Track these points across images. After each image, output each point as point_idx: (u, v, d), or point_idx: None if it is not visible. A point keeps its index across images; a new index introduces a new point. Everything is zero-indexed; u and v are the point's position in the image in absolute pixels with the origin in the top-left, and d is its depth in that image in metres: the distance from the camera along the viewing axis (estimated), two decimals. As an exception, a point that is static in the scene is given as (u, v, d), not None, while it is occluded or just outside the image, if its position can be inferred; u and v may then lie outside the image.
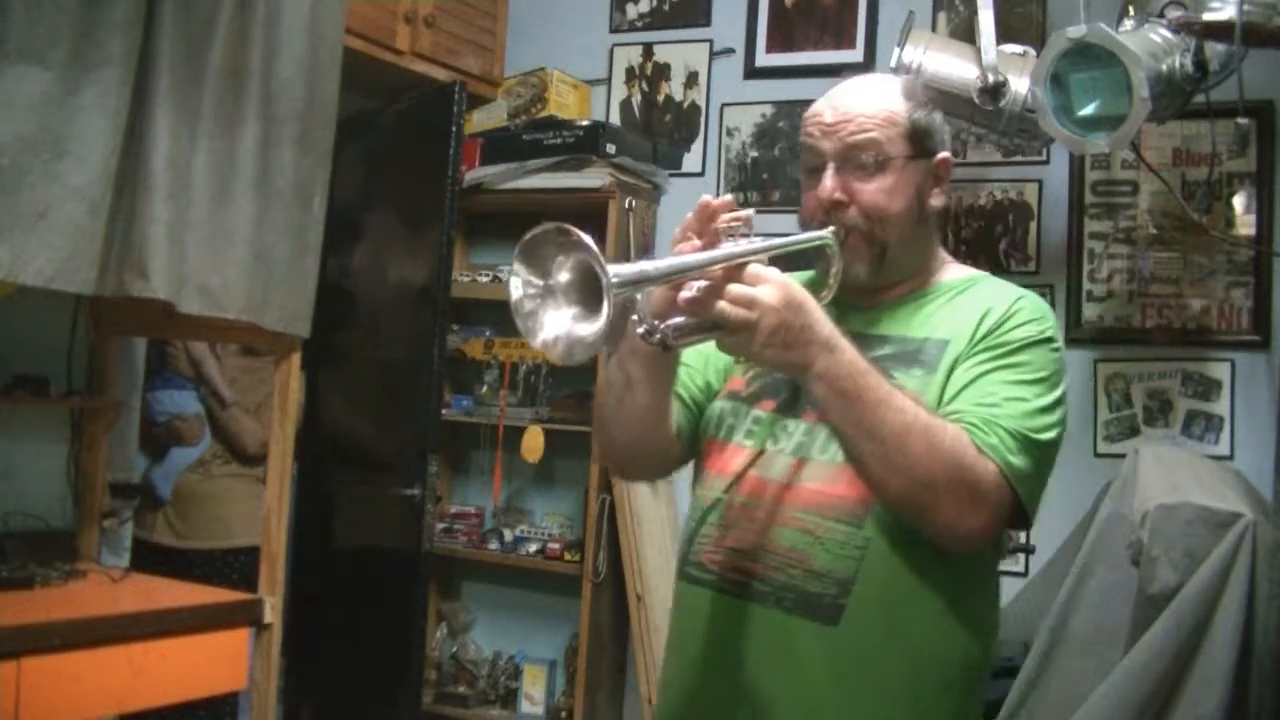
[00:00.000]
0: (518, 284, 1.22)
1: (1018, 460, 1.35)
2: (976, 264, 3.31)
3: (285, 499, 2.64)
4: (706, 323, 1.28)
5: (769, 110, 3.65)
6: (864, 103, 1.49)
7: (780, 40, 3.67)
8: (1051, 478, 1.46)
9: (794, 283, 1.29)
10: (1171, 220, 3.17)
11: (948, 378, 1.43)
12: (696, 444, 1.59)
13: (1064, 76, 2.47)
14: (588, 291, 1.18)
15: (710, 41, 3.77)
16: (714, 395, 1.59)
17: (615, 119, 3.86)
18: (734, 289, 1.25)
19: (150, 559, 3.17)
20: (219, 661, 2.44)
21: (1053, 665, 2.50)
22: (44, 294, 2.17)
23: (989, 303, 1.47)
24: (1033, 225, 3.33)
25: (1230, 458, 3.06)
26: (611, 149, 3.52)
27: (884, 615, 1.39)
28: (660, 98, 3.85)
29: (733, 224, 1.34)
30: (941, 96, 2.85)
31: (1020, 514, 1.39)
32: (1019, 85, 2.75)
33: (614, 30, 3.93)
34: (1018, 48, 2.87)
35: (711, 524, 1.49)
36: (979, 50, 2.80)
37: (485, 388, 3.85)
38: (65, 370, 2.78)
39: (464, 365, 3.90)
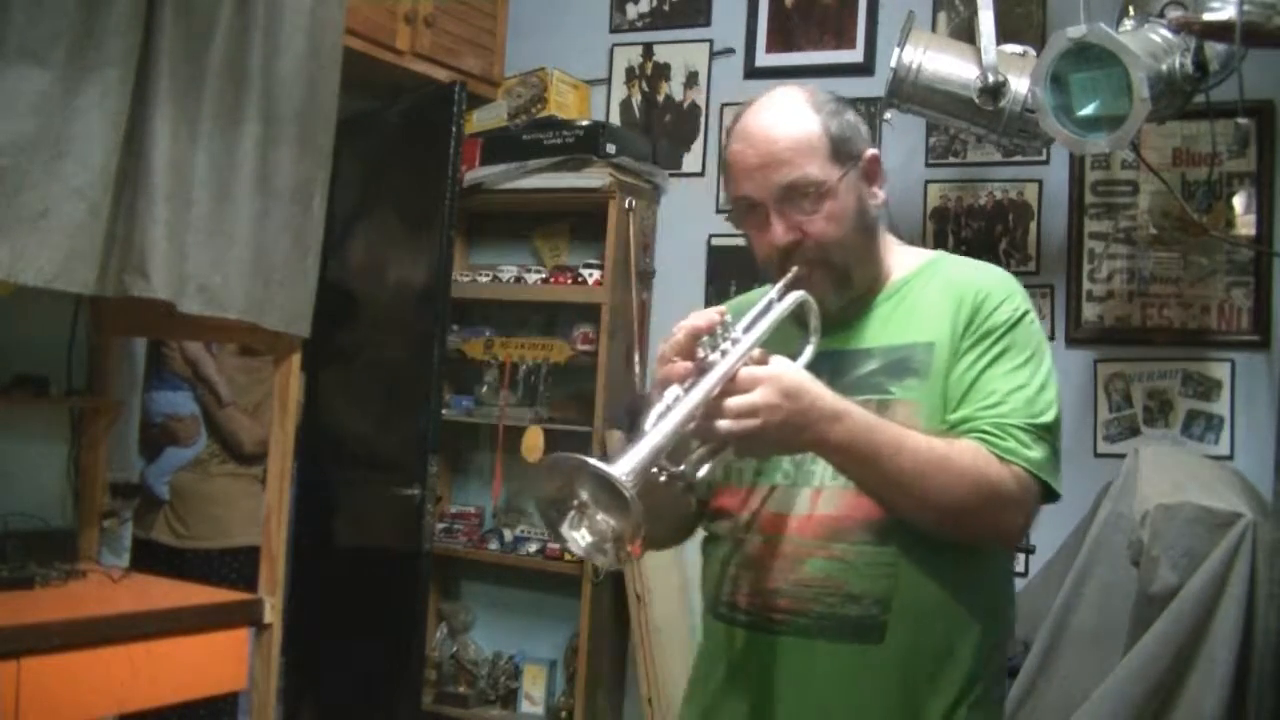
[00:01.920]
0: (569, 530, 1.25)
1: (1035, 453, 1.40)
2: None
3: (285, 499, 2.64)
4: (719, 445, 1.32)
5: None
6: (782, 134, 1.49)
7: (780, 40, 3.67)
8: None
9: (785, 369, 1.32)
10: (1171, 220, 3.17)
11: (944, 380, 1.45)
12: (708, 495, 1.60)
13: (1064, 76, 2.47)
14: (607, 490, 1.20)
15: (710, 41, 3.77)
16: None
17: (615, 119, 3.86)
18: (731, 405, 1.28)
19: (150, 559, 3.17)
20: (219, 661, 2.44)
21: (1053, 665, 2.51)
22: (44, 294, 2.17)
23: (958, 291, 1.50)
24: (1033, 225, 3.33)
25: (1230, 458, 3.06)
26: (611, 149, 3.52)
27: (924, 624, 1.42)
28: (660, 98, 3.85)
29: (711, 332, 1.36)
30: (939, 96, 2.86)
31: (1049, 493, 1.44)
32: (1019, 85, 2.75)
33: (614, 30, 3.92)
34: (1018, 48, 2.87)
35: (737, 565, 1.51)
36: (979, 50, 2.80)
37: (485, 388, 3.85)
38: (65, 370, 2.78)
39: (464, 365, 3.90)
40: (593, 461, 1.19)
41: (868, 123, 3.77)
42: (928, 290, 1.53)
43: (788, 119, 1.51)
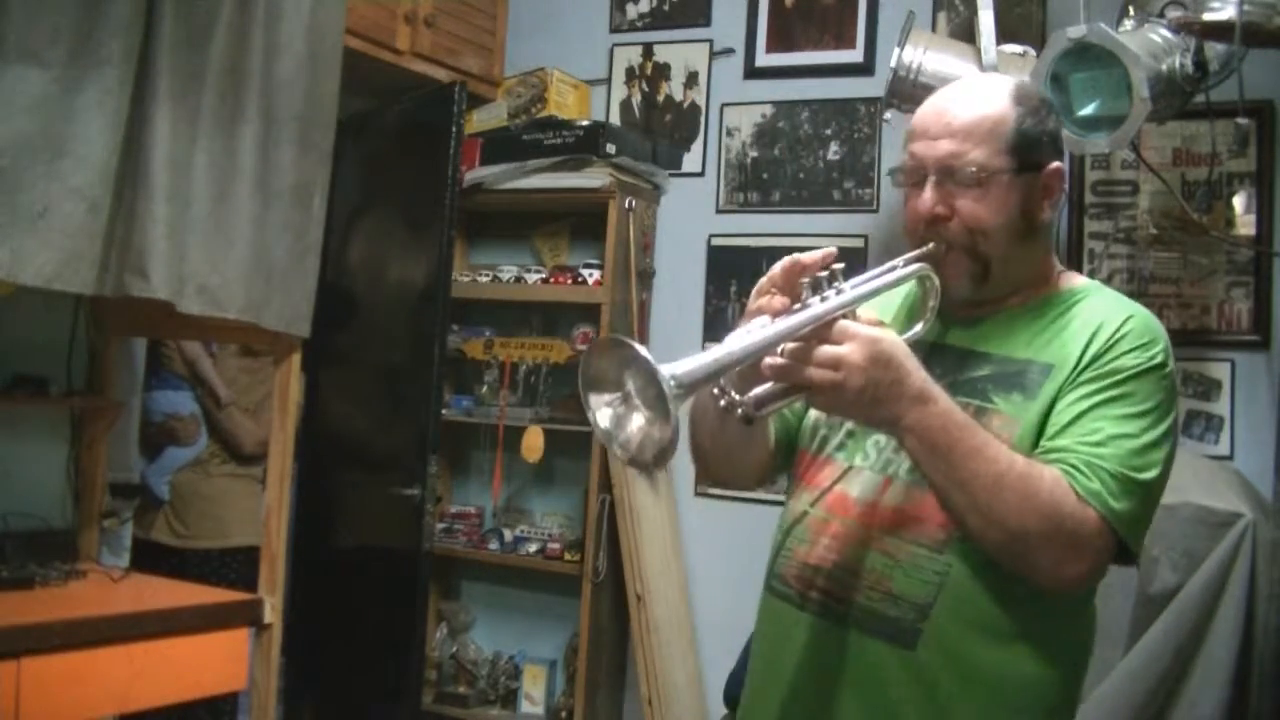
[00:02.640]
0: (601, 409, 1.21)
1: (1120, 505, 1.31)
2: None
3: (285, 499, 2.64)
4: (793, 388, 1.27)
5: (769, 110, 3.65)
6: (968, 111, 1.43)
7: (780, 40, 3.67)
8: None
9: (884, 336, 1.27)
10: (1171, 220, 3.17)
11: (1049, 405, 1.38)
12: (792, 454, 1.57)
13: (1064, 76, 2.47)
14: (653, 388, 1.15)
15: (710, 41, 3.77)
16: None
17: (615, 119, 3.86)
18: (820, 352, 1.23)
19: (150, 559, 3.17)
20: (219, 661, 2.44)
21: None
22: (44, 294, 2.17)
23: (1096, 322, 1.41)
24: (1033, 225, 3.32)
25: (1230, 458, 3.06)
26: (611, 149, 3.52)
27: (962, 642, 1.37)
28: (660, 98, 3.85)
29: (820, 275, 1.31)
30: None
31: (1125, 553, 1.36)
32: (1019, 85, 2.74)
33: (614, 30, 3.93)
34: (1018, 48, 2.87)
35: (796, 539, 1.48)
36: (979, 50, 2.80)
37: (485, 388, 3.85)
38: (65, 370, 2.78)
39: (464, 365, 3.90)
40: (642, 351, 1.14)
41: (868, 122, 3.76)
42: (1069, 316, 1.45)
43: (981, 98, 1.45)
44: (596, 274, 3.61)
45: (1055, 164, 1.46)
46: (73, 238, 2.15)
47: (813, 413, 1.54)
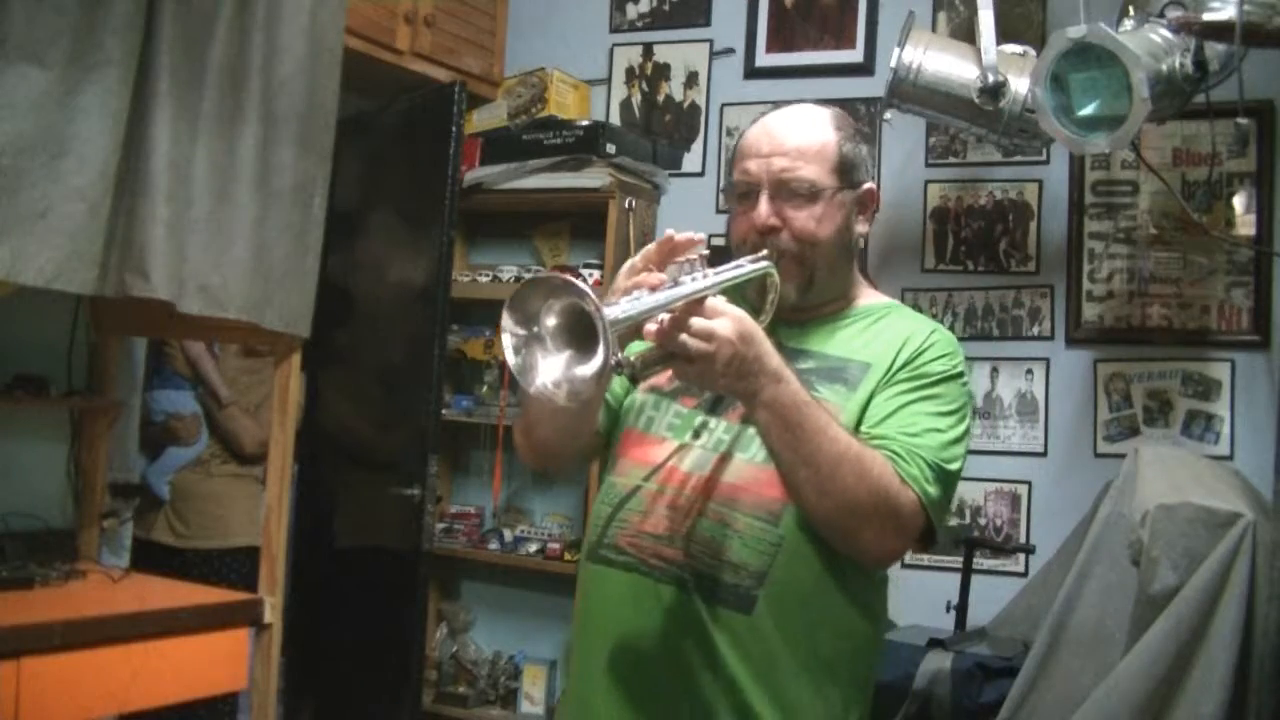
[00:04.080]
0: (507, 340, 1.28)
1: (933, 490, 1.47)
2: (976, 264, 3.35)
3: (285, 499, 2.64)
4: (667, 353, 1.37)
5: (769, 110, 3.64)
6: (799, 134, 1.59)
7: (780, 40, 3.67)
8: (1052, 478, 1.50)
9: (747, 316, 1.39)
10: (1171, 220, 3.17)
11: (868, 399, 1.53)
12: (612, 436, 1.68)
13: (1064, 76, 2.47)
14: (577, 333, 1.25)
15: (710, 41, 3.77)
16: (632, 388, 1.68)
17: (615, 119, 3.86)
18: (696, 323, 1.34)
19: (150, 559, 3.17)
20: (219, 661, 2.44)
21: (1053, 665, 2.51)
22: (44, 294, 2.17)
23: (906, 332, 1.59)
24: (1033, 225, 3.33)
25: (1230, 458, 3.06)
26: (611, 149, 3.52)
27: (797, 606, 1.49)
28: (660, 98, 3.85)
29: (688, 258, 1.42)
30: (939, 96, 2.87)
31: (929, 535, 1.51)
32: (1019, 85, 2.75)
33: (614, 30, 3.92)
34: (1018, 48, 2.87)
35: (631, 510, 1.56)
36: (979, 50, 2.80)
37: (485, 388, 3.85)
38: (65, 370, 2.78)
39: (464, 365, 3.90)
40: (584, 286, 1.21)
41: (868, 123, 3.78)
42: (879, 326, 1.63)
43: (807, 125, 1.62)
44: (596, 274, 3.61)
45: (869, 185, 1.65)
46: (73, 238, 2.15)
47: (639, 394, 1.66)
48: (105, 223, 2.21)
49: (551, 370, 1.27)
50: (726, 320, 1.35)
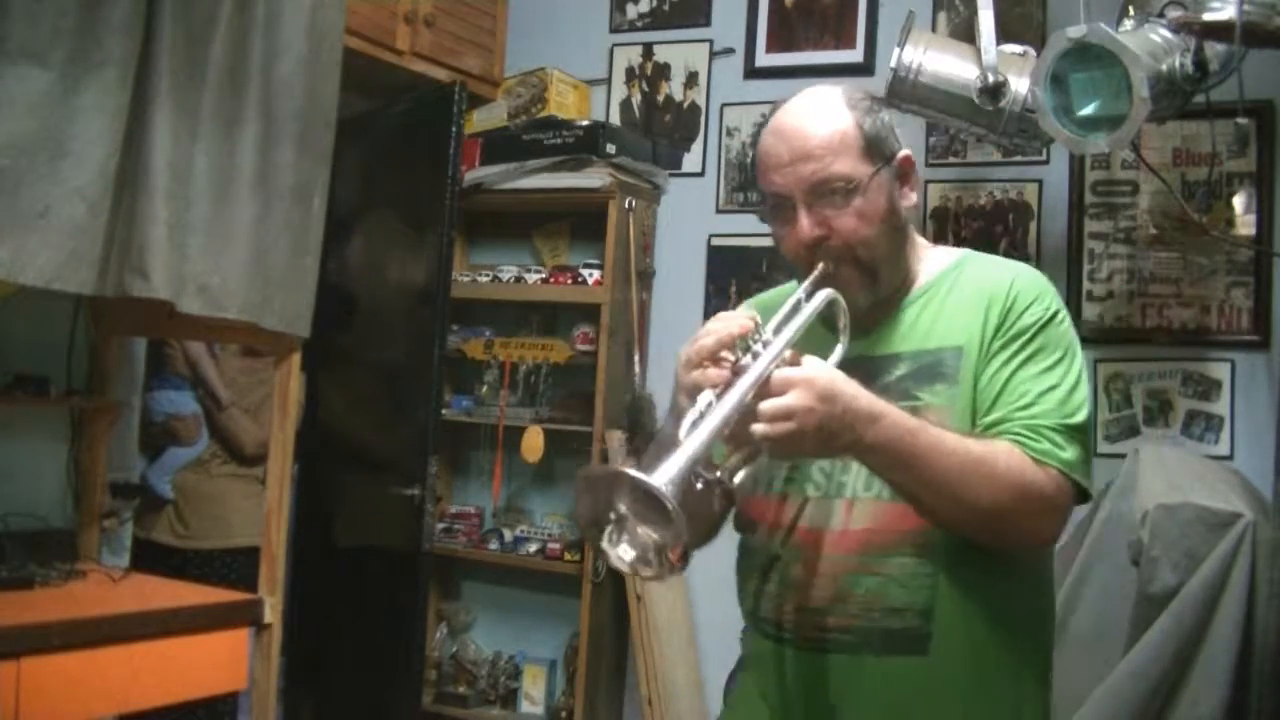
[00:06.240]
0: (606, 547, 1.23)
1: (1069, 454, 1.39)
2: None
3: (285, 499, 2.64)
4: (754, 450, 1.30)
5: (769, 110, 3.64)
6: (815, 130, 1.46)
7: (780, 40, 3.67)
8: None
9: (819, 371, 1.29)
10: (1171, 220, 3.17)
11: (973, 385, 1.44)
12: (732, 503, 1.59)
13: (1064, 76, 2.47)
14: (645, 502, 1.18)
15: (710, 41, 3.77)
16: None
17: (615, 119, 3.86)
18: (766, 408, 1.26)
19: (150, 559, 3.17)
20: (219, 661, 2.43)
21: (1053, 665, 2.50)
22: (44, 294, 2.17)
23: (987, 292, 1.48)
24: (1033, 225, 3.33)
25: (1230, 458, 3.06)
26: (611, 149, 3.52)
27: (968, 634, 1.42)
28: (660, 98, 3.85)
29: (742, 328, 1.35)
30: (939, 96, 2.87)
31: (1083, 494, 1.44)
32: (1019, 85, 2.75)
33: (614, 30, 3.93)
34: (1018, 48, 2.87)
35: (777, 583, 1.50)
36: (979, 50, 2.80)
37: (485, 388, 3.85)
38: (65, 370, 2.77)
39: (464, 365, 3.90)
40: (631, 472, 1.16)
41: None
42: (956, 292, 1.51)
43: (821, 115, 1.48)
44: (596, 274, 3.61)
45: (904, 151, 1.51)
46: (73, 238, 2.15)
47: None
48: (105, 223, 2.21)
49: (641, 546, 1.22)
50: (798, 390, 1.26)
